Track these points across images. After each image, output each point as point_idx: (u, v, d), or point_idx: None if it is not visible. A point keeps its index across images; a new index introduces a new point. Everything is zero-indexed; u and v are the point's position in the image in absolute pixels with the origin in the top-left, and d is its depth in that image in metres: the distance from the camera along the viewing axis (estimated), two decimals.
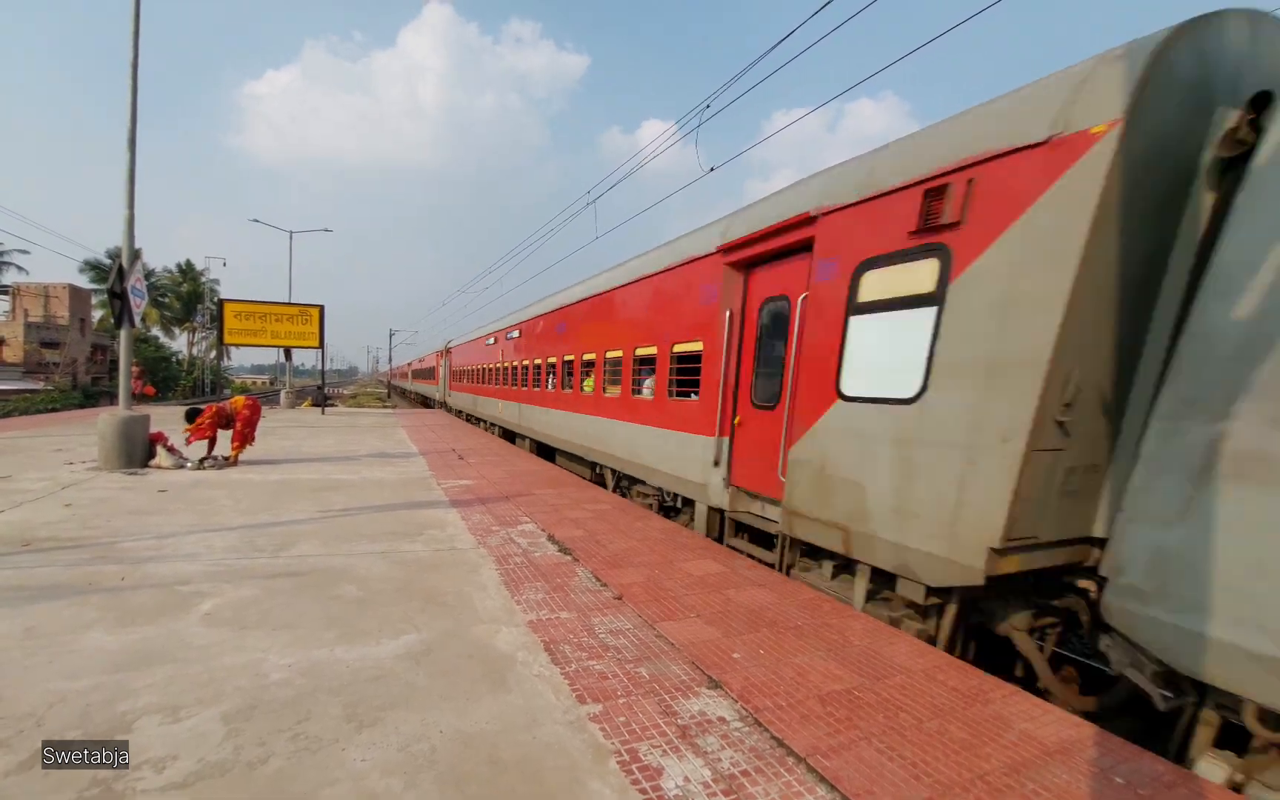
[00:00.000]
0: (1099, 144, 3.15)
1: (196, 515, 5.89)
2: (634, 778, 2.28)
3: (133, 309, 8.43)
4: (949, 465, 3.73)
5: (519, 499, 7.47)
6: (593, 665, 3.17)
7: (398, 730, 2.49)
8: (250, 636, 3.28)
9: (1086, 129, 3.21)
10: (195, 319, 49.99)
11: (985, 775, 2.41)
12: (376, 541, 5.22)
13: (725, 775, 2.33)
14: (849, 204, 4.63)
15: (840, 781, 2.32)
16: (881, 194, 4.35)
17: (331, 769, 2.23)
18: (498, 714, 2.65)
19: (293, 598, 3.87)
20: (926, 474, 3.89)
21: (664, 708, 2.80)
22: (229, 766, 2.21)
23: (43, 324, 37.86)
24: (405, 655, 3.15)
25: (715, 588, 4.49)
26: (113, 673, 2.84)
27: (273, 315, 20.21)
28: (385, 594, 4.00)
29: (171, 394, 40.46)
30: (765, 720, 2.73)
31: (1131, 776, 2.46)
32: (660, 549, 5.48)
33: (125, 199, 8.23)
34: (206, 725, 2.46)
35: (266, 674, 2.89)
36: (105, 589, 3.87)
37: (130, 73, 8.19)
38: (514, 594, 4.14)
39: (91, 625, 3.32)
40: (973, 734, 2.71)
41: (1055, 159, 3.31)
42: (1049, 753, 2.60)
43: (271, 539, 5.16)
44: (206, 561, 4.49)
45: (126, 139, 8.21)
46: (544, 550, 5.25)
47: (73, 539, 4.89)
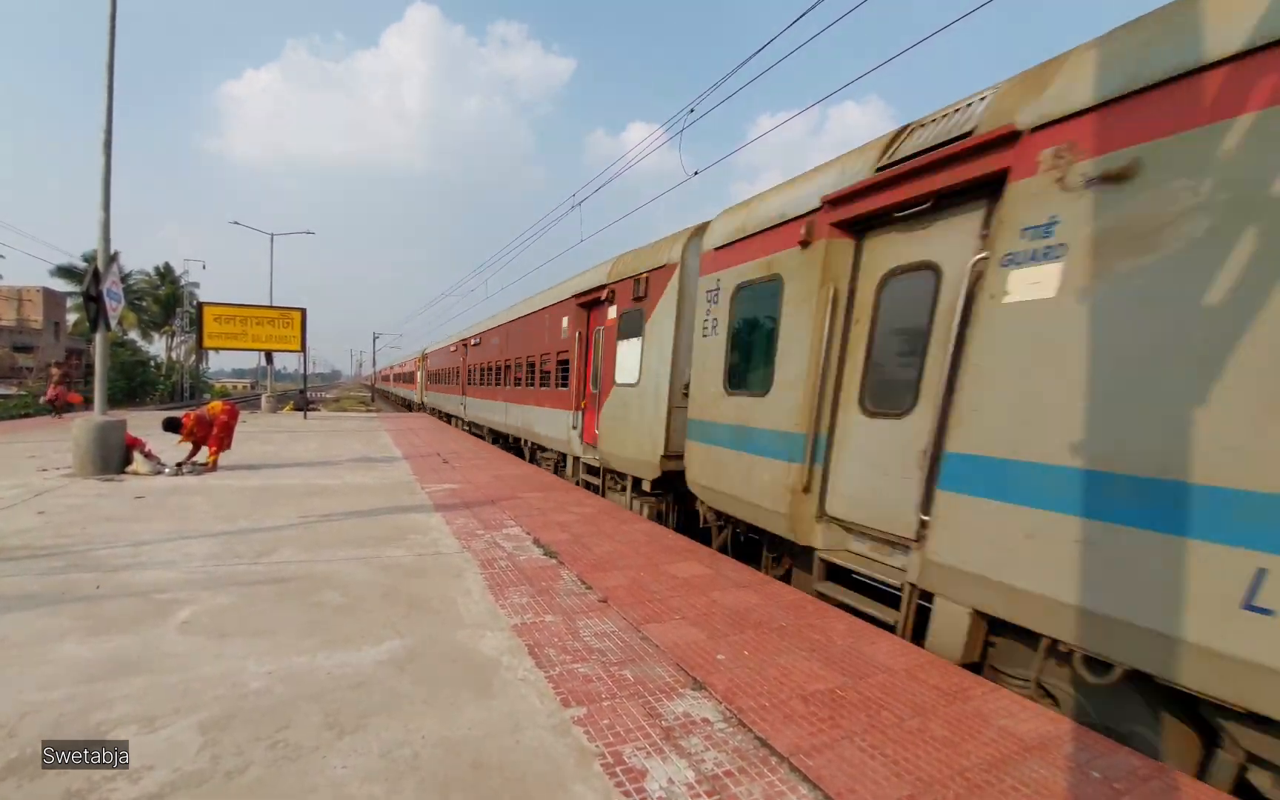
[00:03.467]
0: (677, 268, 7.22)
1: (174, 522, 5.79)
2: (618, 780, 2.28)
3: (108, 312, 8.28)
4: (647, 415, 7.63)
5: (504, 503, 7.43)
6: (578, 668, 3.17)
7: (380, 737, 2.47)
8: (229, 644, 3.24)
9: (673, 262, 7.29)
10: (174, 322, 49.15)
11: (965, 771, 2.45)
12: (359, 547, 5.17)
13: (709, 776, 2.34)
14: (618, 280, 8.63)
15: (823, 780, 2.34)
16: (626, 278, 8.39)
17: (311, 777, 2.21)
18: (482, 719, 2.64)
19: (273, 605, 3.82)
20: (639, 421, 7.81)
21: (648, 710, 2.80)
22: (206, 776, 2.18)
23: (15, 328, 37.01)
24: (388, 661, 3.13)
25: (700, 590, 4.51)
26: (87, 683, 2.78)
27: (253, 318, 19.91)
28: (368, 600, 3.96)
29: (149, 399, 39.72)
30: (749, 720, 2.74)
31: (1107, 771, 2.50)
32: (645, 552, 5.49)
33: (101, 201, 8.08)
34: (183, 735, 2.42)
35: (245, 682, 2.85)
36: (80, 598, 3.79)
37: (106, 73, 8.05)
38: (498, 598, 4.12)
39: (65, 635, 3.25)
40: (953, 731, 2.74)
41: (668, 273, 7.39)
42: (1027, 748, 2.64)
43: (251, 545, 5.09)
44: (184, 569, 4.42)
45: (102, 141, 8.07)
46: (529, 554, 5.23)
47: (46, 547, 4.79)
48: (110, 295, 8.29)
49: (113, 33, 8.06)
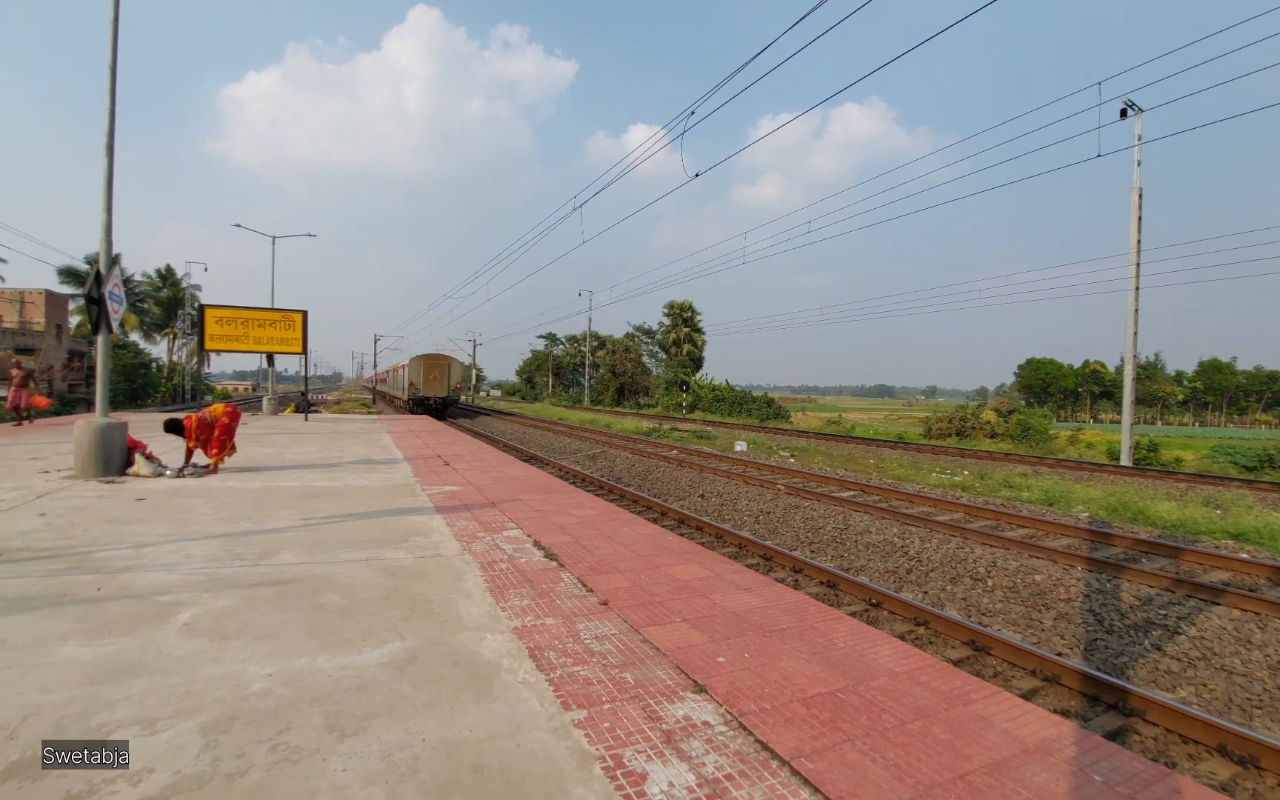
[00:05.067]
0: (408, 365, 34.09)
1: (175, 524, 5.80)
2: (618, 784, 2.28)
3: (110, 314, 8.30)
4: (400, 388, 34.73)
5: (505, 505, 7.43)
6: (578, 671, 3.17)
7: (380, 739, 2.47)
8: (230, 646, 3.24)
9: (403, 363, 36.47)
10: (176, 325, 49.22)
11: (966, 775, 2.44)
12: (360, 549, 5.17)
13: (709, 780, 2.34)
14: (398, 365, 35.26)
15: (824, 784, 2.34)
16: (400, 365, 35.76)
17: (312, 779, 2.20)
18: (482, 722, 2.63)
19: (274, 607, 3.82)
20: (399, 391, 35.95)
21: (649, 713, 2.80)
22: (207, 778, 2.18)
23: (18, 330, 37.07)
24: (389, 663, 3.13)
25: (700, 592, 4.50)
26: (88, 685, 2.78)
27: (255, 321, 19.93)
28: (369, 602, 3.97)
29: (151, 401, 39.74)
30: (750, 724, 2.74)
31: (1110, 774, 2.50)
32: (645, 554, 5.49)
33: (103, 204, 8.11)
34: (184, 737, 2.42)
35: (246, 684, 2.85)
36: (81, 600, 3.80)
37: (109, 75, 8.07)
38: (499, 601, 4.12)
39: (66, 637, 3.25)
40: (954, 734, 2.74)
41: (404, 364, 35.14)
42: (1029, 752, 2.63)
43: (252, 547, 5.09)
44: (185, 571, 4.42)
45: (105, 143, 8.09)
46: (529, 556, 5.23)
47: (47, 549, 4.80)
48: (112, 298, 8.31)
49: (115, 36, 8.09)
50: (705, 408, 47.23)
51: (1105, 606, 6.37)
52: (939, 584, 7.23)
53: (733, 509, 11.27)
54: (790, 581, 7.00)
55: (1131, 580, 7.11)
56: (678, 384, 52.82)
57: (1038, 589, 6.94)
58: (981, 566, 7.69)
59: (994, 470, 16.85)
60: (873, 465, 17.80)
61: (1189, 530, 9.69)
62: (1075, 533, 9.15)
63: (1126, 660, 5.29)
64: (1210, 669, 5.12)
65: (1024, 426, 30.58)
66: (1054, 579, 7.16)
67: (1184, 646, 5.50)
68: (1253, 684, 4.86)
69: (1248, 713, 4.51)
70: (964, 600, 6.72)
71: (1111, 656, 5.35)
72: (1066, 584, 7.00)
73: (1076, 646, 5.58)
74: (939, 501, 11.26)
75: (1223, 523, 9.95)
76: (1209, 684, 4.87)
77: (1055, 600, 6.61)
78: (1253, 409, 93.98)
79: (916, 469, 16.83)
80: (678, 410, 46.83)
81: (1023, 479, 14.39)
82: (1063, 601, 6.58)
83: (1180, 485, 14.86)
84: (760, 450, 20.94)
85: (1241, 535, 9.28)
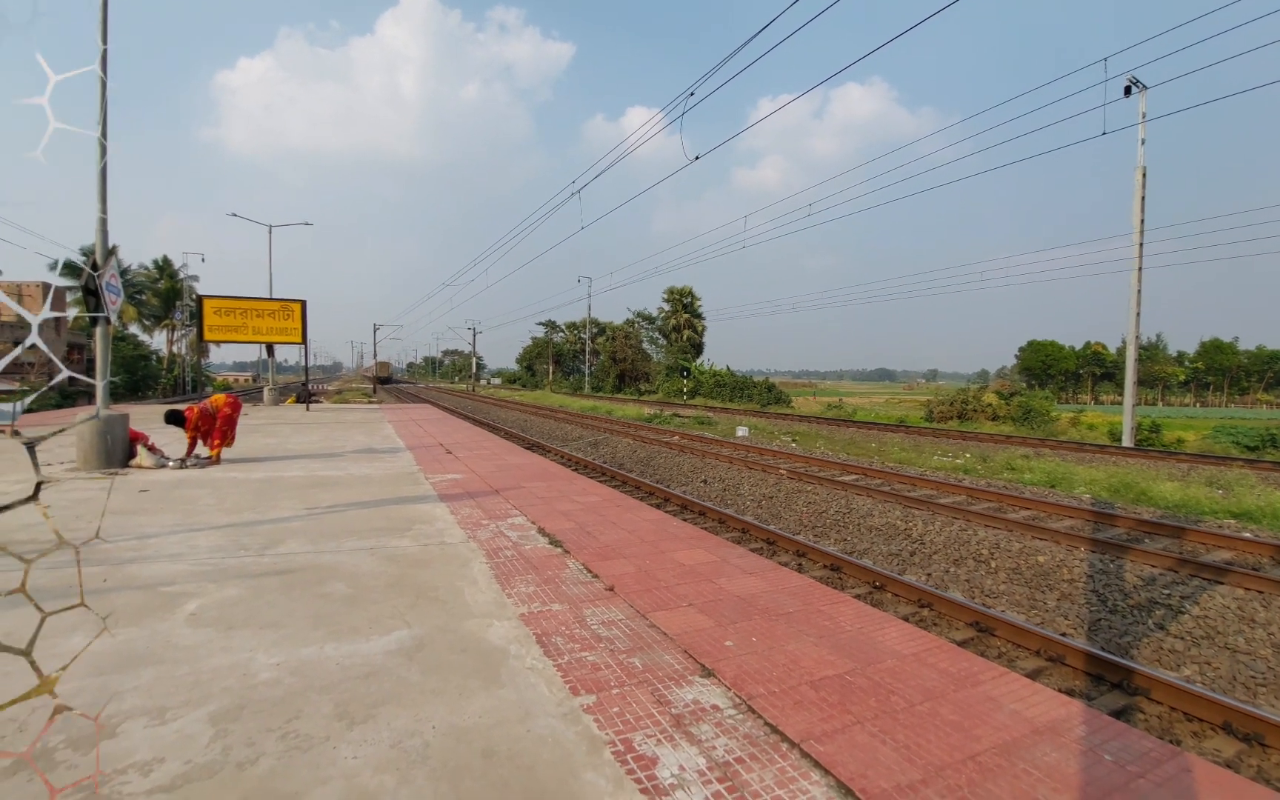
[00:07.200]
0: None
1: (179, 515, 5.80)
2: (629, 767, 2.28)
3: (108, 306, 8.25)
4: None
5: (508, 492, 7.43)
6: (586, 656, 3.17)
7: (390, 726, 2.47)
8: (237, 636, 3.24)
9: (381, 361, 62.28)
10: (174, 316, 49.10)
11: (977, 755, 2.44)
12: (365, 538, 5.17)
13: (720, 762, 2.34)
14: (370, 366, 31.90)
15: (834, 766, 2.34)
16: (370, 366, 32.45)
17: (323, 767, 2.20)
18: (491, 708, 2.63)
19: (280, 596, 3.82)
20: None
21: (658, 697, 2.80)
22: (218, 767, 2.18)
23: (16, 323, 36.98)
24: (396, 651, 3.13)
25: (706, 577, 4.50)
26: (96, 676, 2.78)
27: (254, 311, 19.88)
28: (375, 590, 3.97)
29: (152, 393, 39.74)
30: (759, 707, 2.74)
31: (1120, 753, 2.50)
32: (650, 540, 5.48)
33: (98, 197, 8.03)
34: (194, 727, 2.42)
35: (254, 673, 2.85)
36: (87, 591, 3.79)
37: (100, 65, 7.97)
38: (505, 587, 4.11)
39: (73, 629, 3.25)
40: (963, 715, 2.74)
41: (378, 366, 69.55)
42: (1038, 731, 2.63)
43: (257, 537, 5.09)
44: (191, 561, 4.42)
45: (97, 135, 8.00)
46: (534, 543, 5.23)
47: (52, 542, 4.79)
48: (109, 288, 8.26)
49: (105, 23, 7.97)
50: (706, 393, 47.23)
51: (1109, 587, 6.38)
52: (942, 566, 7.24)
53: (735, 494, 11.28)
54: (794, 565, 7.00)
55: (1135, 561, 7.11)
56: (678, 370, 52.78)
57: (1041, 570, 6.95)
58: (985, 548, 7.69)
59: (996, 453, 16.86)
60: (874, 449, 17.80)
61: (1191, 510, 9.69)
62: (1078, 514, 9.16)
63: (1130, 640, 5.30)
64: (1214, 648, 5.13)
65: (1025, 409, 30.58)
66: (1057, 560, 7.17)
67: (1188, 626, 5.51)
68: (1256, 662, 4.87)
69: (1252, 690, 4.52)
70: (968, 582, 6.73)
71: (1115, 636, 5.36)
72: (1070, 565, 7.01)
73: (1080, 627, 5.59)
74: (941, 484, 11.27)
75: (1225, 502, 9.95)
76: (1213, 662, 4.88)
77: (1059, 581, 6.62)
78: (1254, 389, 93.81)
79: (918, 452, 16.84)
80: (678, 396, 46.82)
81: (1025, 461, 14.39)
82: (1066, 582, 6.58)
83: (1182, 465, 14.86)
84: (762, 435, 20.95)
85: (1244, 515, 9.28)
